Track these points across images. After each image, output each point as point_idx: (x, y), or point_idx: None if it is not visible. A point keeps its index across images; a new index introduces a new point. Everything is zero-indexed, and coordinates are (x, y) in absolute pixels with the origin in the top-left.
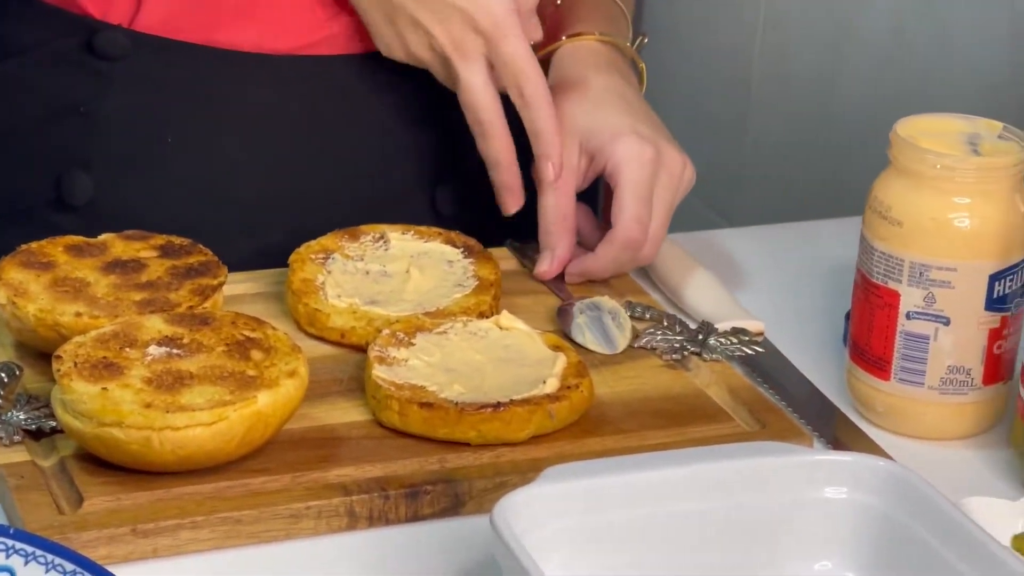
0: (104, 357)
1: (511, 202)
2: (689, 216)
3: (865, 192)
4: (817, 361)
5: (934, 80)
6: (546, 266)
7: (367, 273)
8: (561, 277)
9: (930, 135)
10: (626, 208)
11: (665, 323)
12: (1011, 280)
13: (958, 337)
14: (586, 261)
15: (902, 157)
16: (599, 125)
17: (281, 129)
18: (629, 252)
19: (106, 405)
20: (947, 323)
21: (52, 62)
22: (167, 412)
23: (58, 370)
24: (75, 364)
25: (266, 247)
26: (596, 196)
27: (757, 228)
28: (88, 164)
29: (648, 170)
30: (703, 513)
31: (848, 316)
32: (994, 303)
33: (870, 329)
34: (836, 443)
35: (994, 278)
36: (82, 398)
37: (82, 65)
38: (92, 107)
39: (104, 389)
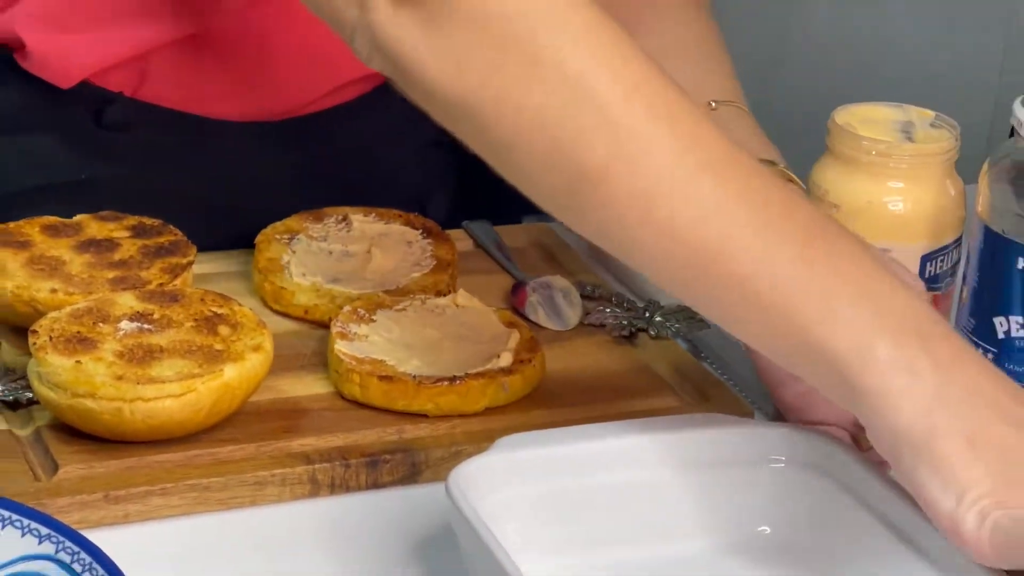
0: (78, 332)
1: None
2: None
3: (804, 178)
4: None
5: (871, 71)
6: None
7: (330, 253)
8: (513, 262)
9: (866, 123)
10: None
11: (614, 301)
12: (942, 260)
13: None
14: None
15: (839, 144)
16: None
17: (279, 185)
18: None
19: (80, 377)
20: None
21: (61, 132)
22: (138, 384)
23: (34, 344)
24: (50, 338)
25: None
26: None
27: None
28: None
29: None
30: (649, 481)
31: None
32: (926, 282)
33: None
34: (776, 416)
35: (926, 259)
36: (57, 371)
37: (87, 136)
38: (95, 176)
39: (78, 362)
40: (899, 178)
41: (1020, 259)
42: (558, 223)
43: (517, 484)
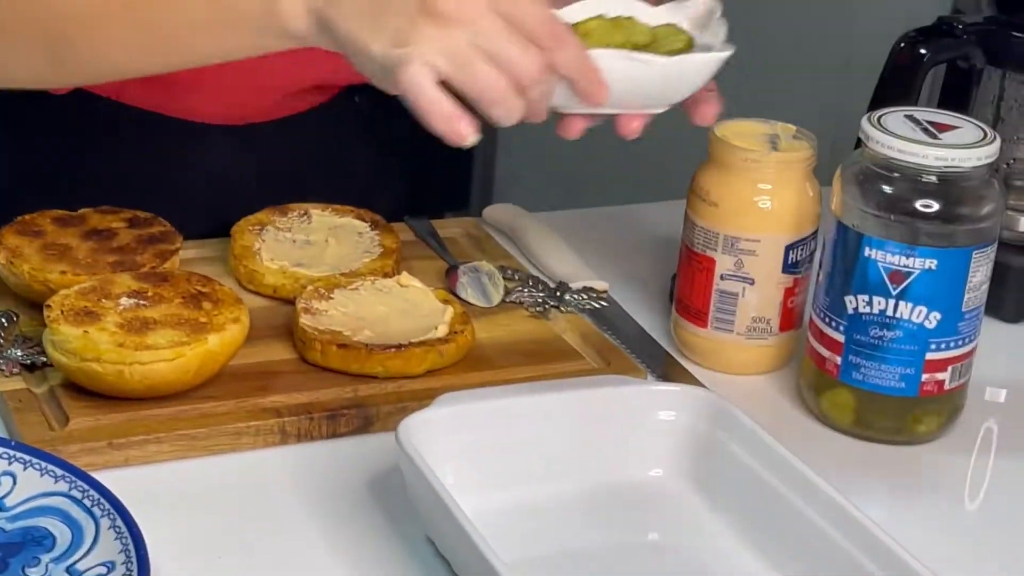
0: (85, 306)
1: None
2: (549, 195)
3: (680, 181)
4: (649, 314)
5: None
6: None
7: (294, 241)
8: (446, 250)
9: (740, 135)
10: None
11: (530, 283)
12: (802, 249)
13: (761, 294)
14: None
15: (718, 152)
16: None
17: (249, 183)
18: None
19: (87, 345)
20: (752, 283)
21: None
22: (136, 350)
23: (48, 316)
24: (62, 312)
25: (213, 225)
26: None
27: (601, 208)
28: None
29: None
30: (562, 431)
31: (674, 278)
32: (789, 267)
33: (692, 288)
34: (665, 377)
35: (789, 248)
36: (68, 339)
37: (81, 133)
38: (88, 168)
39: (85, 332)
40: (767, 181)
41: (866, 248)
42: (482, 218)
43: (454, 433)
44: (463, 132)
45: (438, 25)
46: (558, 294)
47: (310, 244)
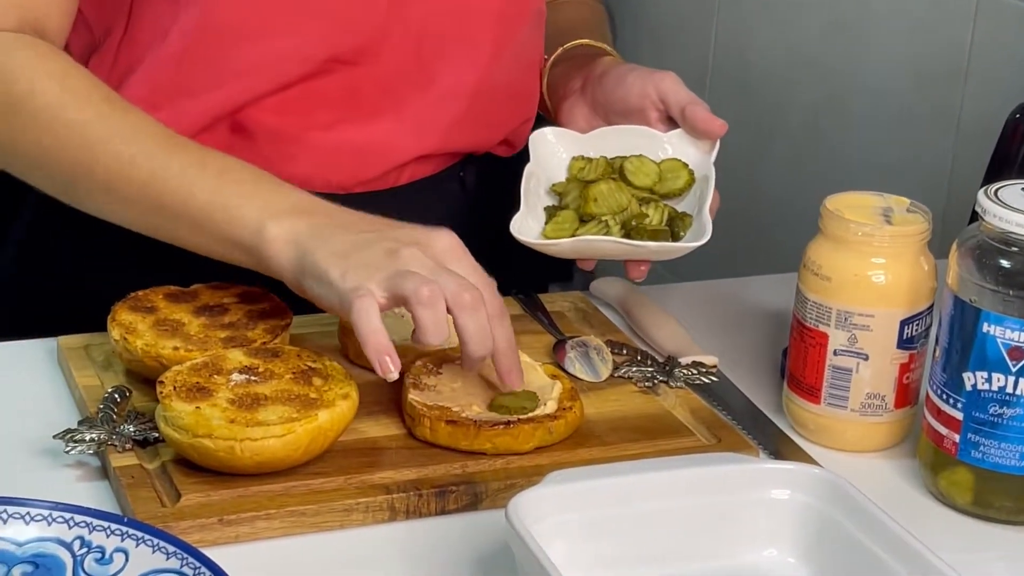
0: (197, 382)
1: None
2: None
3: (787, 254)
4: (760, 389)
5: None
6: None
7: (403, 317)
8: (554, 324)
9: (852, 208)
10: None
11: (639, 357)
12: (918, 324)
13: (875, 370)
14: None
15: (830, 226)
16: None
17: None
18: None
19: (199, 421)
20: (866, 359)
21: None
22: (247, 426)
23: (161, 392)
24: (174, 388)
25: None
26: None
27: (709, 282)
28: (186, 278)
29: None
30: (673, 510)
31: (785, 352)
32: (904, 343)
33: (804, 363)
34: (777, 454)
35: (904, 323)
36: (180, 415)
37: None
38: None
39: (197, 408)
40: (881, 255)
41: (984, 324)
42: (590, 292)
43: (564, 511)
44: (387, 367)
45: (398, 261)
46: (667, 369)
47: None
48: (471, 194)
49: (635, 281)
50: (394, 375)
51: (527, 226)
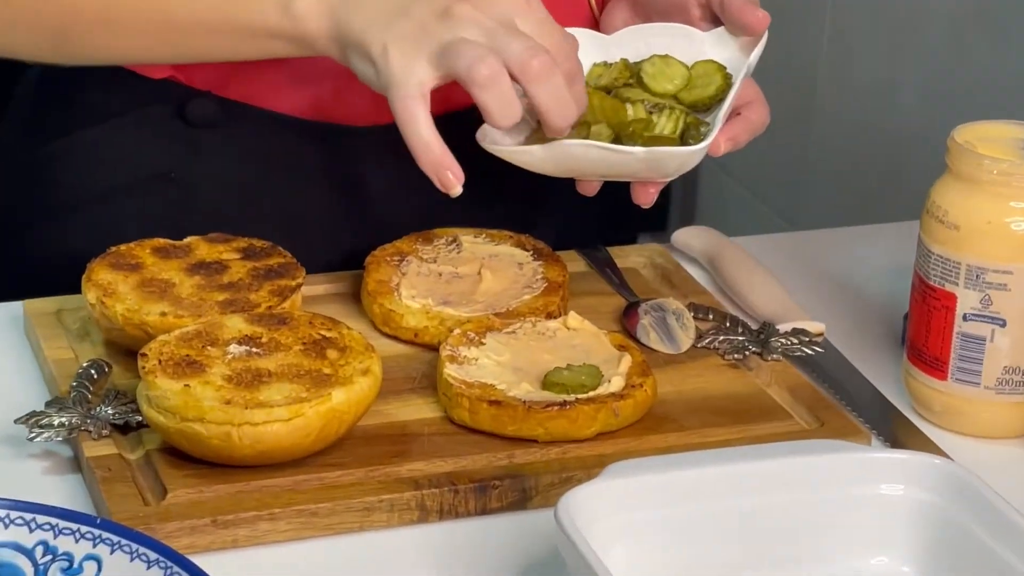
0: (187, 355)
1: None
2: (751, 219)
3: (920, 197)
4: (875, 361)
5: (990, 87)
6: None
7: (440, 275)
8: (625, 284)
9: (986, 141)
10: None
11: (727, 324)
12: None
13: (1014, 338)
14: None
15: (959, 163)
16: None
17: (371, 194)
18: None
19: (188, 401)
20: (1003, 325)
21: (143, 129)
22: (246, 408)
23: (143, 367)
24: (159, 362)
25: (343, 254)
26: None
27: (817, 231)
28: (179, 230)
29: None
30: (763, 509)
31: (906, 318)
32: None
33: (927, 330)
34: (894, 441)
35: None
36: (166, 394)
37: (174, 132)
38: (182, 173)
39: (187, 386)
40: (1022, 198)
41: None
42: (671, 243)
43: (627, 511)
44: (449, 182)
45: (449, 27)
46: (762, 338)
47: (459, 278)
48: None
49: (643, 206)
50: (458, 189)
51: (498, 136)
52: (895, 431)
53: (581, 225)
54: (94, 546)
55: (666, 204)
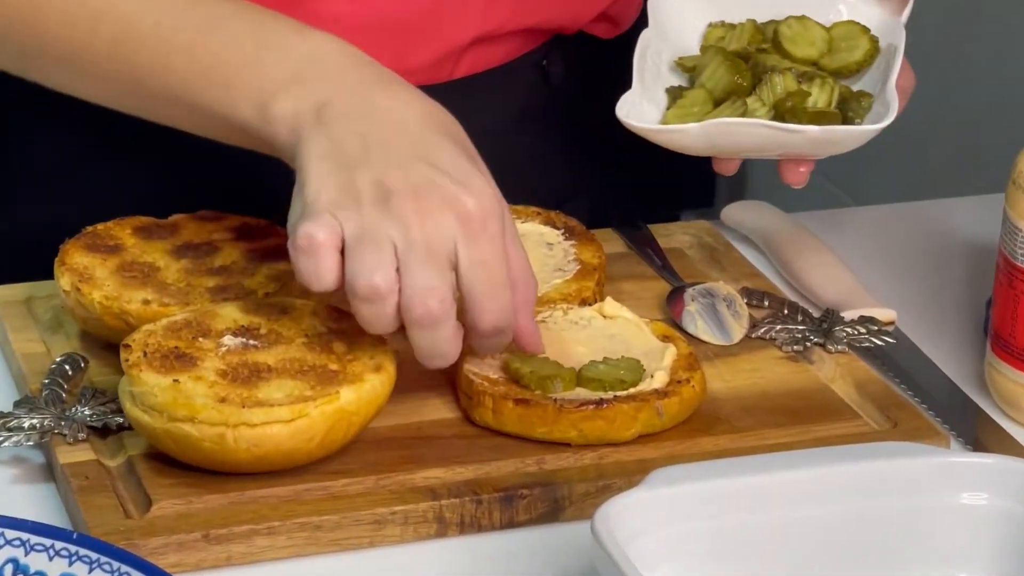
0: (176, 347)
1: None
2: (812, 194)
3: (1003, 167)
4: (954, 353)
5: None
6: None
7: None
8: (669, 266)
9: None
10: None
11: (786, 311)
12: None
13: None
14: None
15: None
16: None
17: None
18: None
19: (178, 399)
20: None
21: None
22: (243, 407)
23: (126, 360)
24: (144, 354)
25: None
26: None
27: (886, 207)
28: (163, 204)
29: None
30: (826, 520)
31: (989, 303)
32: None
33: (1014, 318)
34: (975, 443)
35: None
36: (152, 391)
37: None
38: (168, 140)
39: (175, 381)
40: None
41: None
42: (720, 220)
43: (674, 523)
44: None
45: (377, 216)
46: (825, 327)
47: None
48: (557, 91)
49: (793, 187)
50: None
51: (641, 110)
52: (977, 432)
53: (618, 200)
54: (70, 564)
55: (712, 176)
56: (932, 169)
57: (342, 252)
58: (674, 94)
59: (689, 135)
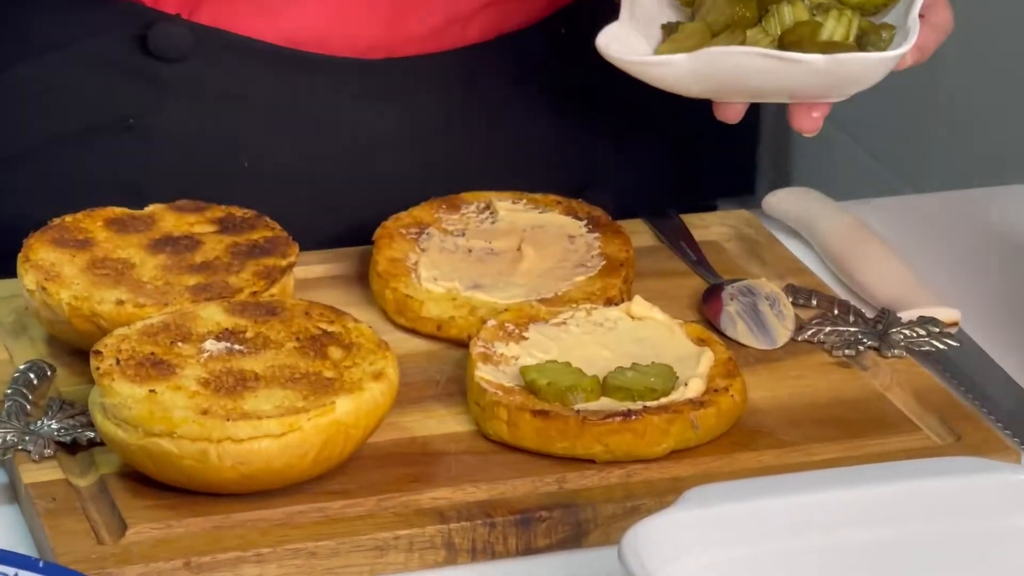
0: (152, 353)
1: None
2: (862, 179)
3: None
4: None
5: None
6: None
7: (470, 251)
8: (704, 261)
9: None
10: None
11: (836, 311)
12: None
13: None
14: None
15: None
16: None
17: (380, 147)
18: None
19: (155, 411)
20: None
21: (95, 63)
22: (228, 420)
23: (97, 368)
24: (118, 361)
25: (347, 225)
26: None
27: (948, 194)
28: (137, 187)
29: None
30: (882, 544)
31: None
32: None
33: None
34: None
35: None
36: (127, 402)
37: (133, 67)
38: (143, 120)
39: (152, 392)
40: None
41: None
42: (762, 209)
43: (709, 548)
44: None
45: None
46: (880, 329)
47: (494, 255)
48: (579, 62)
49: (804, 134)
50: None
51: (629, 45)
52: None
53: (647, 186)
54: None
55: (753, 159)
56: (999, 152)
57: None
58: (670, 29)
59: (677, 67)
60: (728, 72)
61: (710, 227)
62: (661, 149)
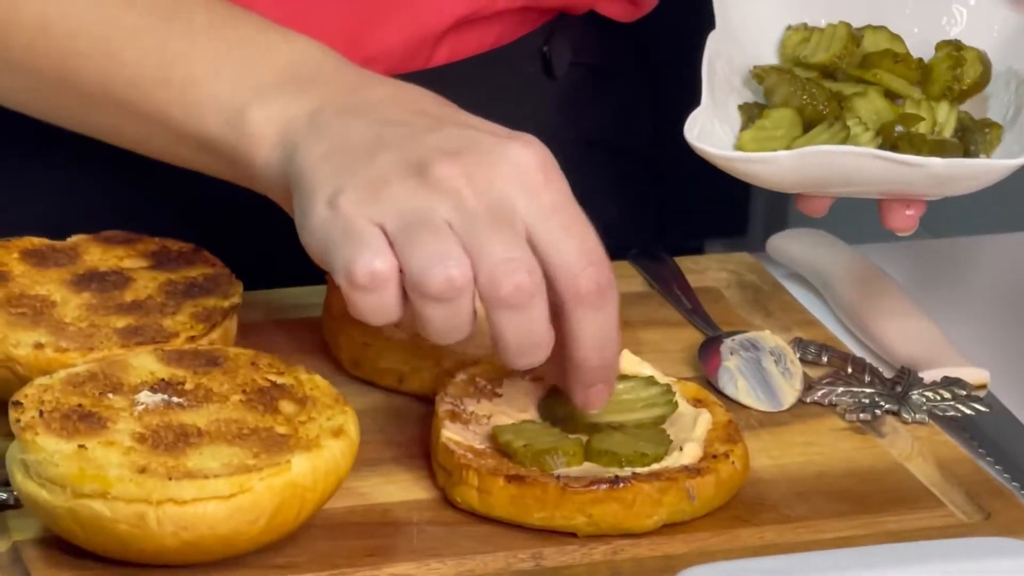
0: (80, 405)
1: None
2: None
3: None
4: None
5: None
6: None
7: None
8: (701, 310)
9: None
10: None
11: (850, 369)
12: None
13: None
14: None
15: None
16: None
17: None
18: None
19: (86, 468)
20: None
21: None
22: (170, 479)
23: (17, 421)
24: (41, 413)
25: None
26: None
27: (972, 239)
28: (63, 222)
29: None
30: None
31: None
32: None
33: None
34: None
35: None
36: (53, 458)
37: None
38: (66, 136)
39: (82, 447)
40: None
41: None
42: (765, 252)
43: None
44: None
45: (419, 194)
46: (899, 390)
47: None
48: (561, 86)
49: (899, 233)
50: None
51: (712, 132)
52: None
53: (637, 225)
54: None
55: (745, 197)
56: (1019, 197)
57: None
58: (749, 112)
59: (779, 166)
60: (831, 171)
61: (706, 271)
62: (650, 183)
